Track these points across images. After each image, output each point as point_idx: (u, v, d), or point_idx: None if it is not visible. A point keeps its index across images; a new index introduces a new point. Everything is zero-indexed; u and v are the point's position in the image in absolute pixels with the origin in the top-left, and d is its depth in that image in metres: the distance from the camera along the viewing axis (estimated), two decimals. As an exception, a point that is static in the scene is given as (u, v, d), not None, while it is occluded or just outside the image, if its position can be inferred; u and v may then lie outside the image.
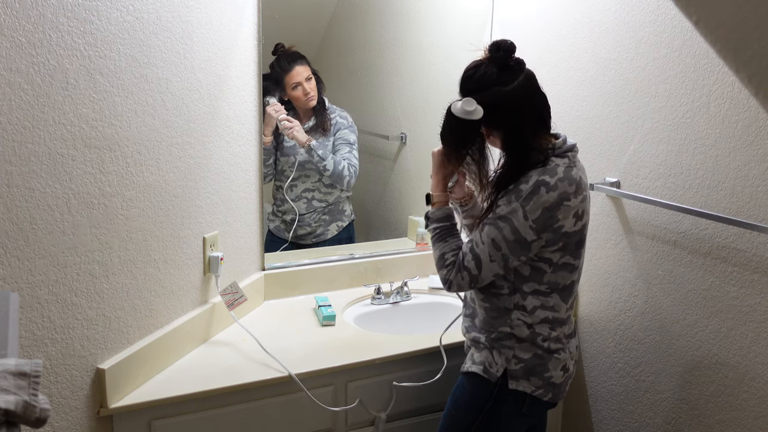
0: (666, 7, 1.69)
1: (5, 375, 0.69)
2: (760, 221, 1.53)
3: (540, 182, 1.40)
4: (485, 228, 1.45)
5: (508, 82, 1.41)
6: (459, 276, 1.49)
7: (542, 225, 1.40)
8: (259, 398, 1.62)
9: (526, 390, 1.50)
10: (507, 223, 1.41)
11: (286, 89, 2.17)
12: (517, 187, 1.41)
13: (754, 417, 1.61)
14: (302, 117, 2.27)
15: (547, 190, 1.39)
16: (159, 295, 1.60)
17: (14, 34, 1.16)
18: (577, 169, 1.45)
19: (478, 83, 1.43)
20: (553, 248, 1.44)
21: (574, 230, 1.44)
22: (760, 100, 1.51)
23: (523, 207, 1.40)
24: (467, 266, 1.47)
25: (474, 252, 1.47)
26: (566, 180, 1.41)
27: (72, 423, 1.39)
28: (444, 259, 1.53)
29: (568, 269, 1.48)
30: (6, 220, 1.20)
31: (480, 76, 1.43)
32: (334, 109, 2.30)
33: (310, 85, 2.20)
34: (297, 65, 2.16)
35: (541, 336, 1.49)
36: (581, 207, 1.44)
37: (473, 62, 1.46)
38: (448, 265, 1.52)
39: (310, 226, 2.33)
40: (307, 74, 2.19)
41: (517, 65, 1.43)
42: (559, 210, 1.40)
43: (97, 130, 1.35)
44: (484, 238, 1.45)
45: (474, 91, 1.43)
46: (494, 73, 1.41)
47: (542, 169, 1.42)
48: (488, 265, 1.45)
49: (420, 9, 2.35)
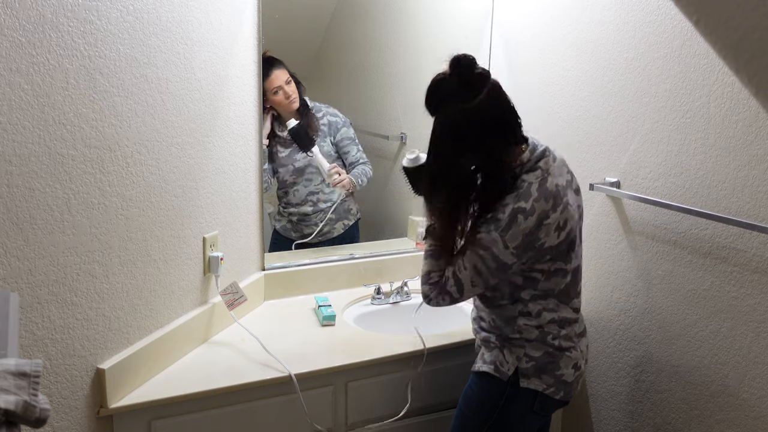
0: (666, 7, 1.69)
1: (5, 375, 0.69)
2: (760, 221, 1.53)
3: (516, 210, 1.39)
4: (467, 254, 1.46)
5: (469, 98, 1.37)
6: (440, 297, 1.52)
7: (523, 249, 1.41)
8: (259, 398, 1.62)
9: (538, 388, 1.50)
10: (487, 252, 1.42)
11: (267, 95, 2.15)
12: (495, 216, 1.41)
13: (754, 417, 1.61)
14: (287, 121, 2.26)
15: (525, 217, 1.39)
16: (159, 295, 1.60)
17: (14, 34, 1.16)
18: (552, 177, 1.43)
19: (440, 99, 1.42)
20: (542, 261, 1.45)
21: (559, 241, 1.44)
22: (760, 100, 1.51)
23: (503, 237, 1.40)
24: (449, 290, 1.49)
25: (456, 277, 1.48)
26: (542, 198, 1.40)
27: (72, 423, 1.39)
28: (429, 276, 1.54)
29: (561, 275, 1.48)
30: (6, 220, 1.20)
31: (441, 93, 1.41)
32: (320, 107, 2.29)
33: (291, 88, 2.19)
34: (275, 69, 2.14)
35: (551, 334, 1.50)
36: (562, 218, 1.43)
37: (437, 75, 1.43)
38: (432, 283, 1.53)
39: (317, 225, 2.34)
40: (285, 77, 2.17)
41: (479, 79, 1.38)
42: (539, 230, 1.40)
43: (97, 130, 1.35)
44: (467, 264, 1.46)
45: (437, 107, 1.43)
46: (455, 89, 1.38)
47: (516, 195, 1.40)
48: (470, 289, 1.48)
49: (420, 9, 2.35)
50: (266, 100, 2.17)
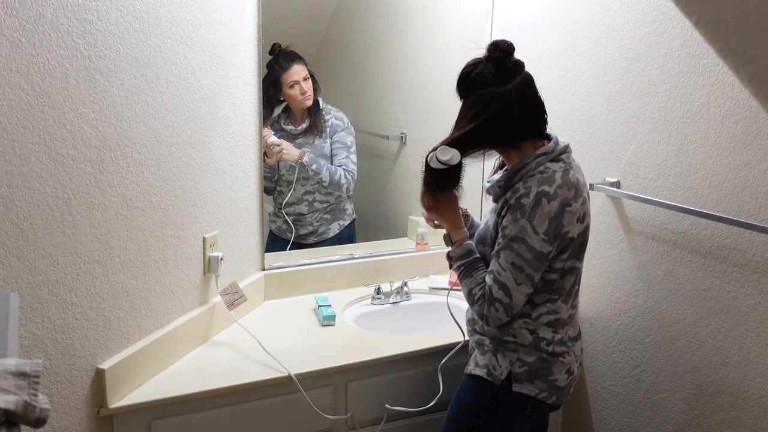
0: (666, 7, 1.69)
1: (5, 375, 0.69)
2: (760, 221, 1.53)
3: (540, 193, 1.39)
4: (501, 254, 1.43)
5: (503, 83, 1.40)
6: (492, 309, 1.45)
7: (552, 235, 1.40)
8: (259, 398, 1.62)
9: (530, 393, 1.49)
10: (521, 243, 1.40)
11: (283, 88, 2.18)
12: (519, 202, 1.41)
13: (754, 417, 1.61)
14: (298, 118, 2.27)
15: (548, 200, 1.39)
16: (159, 295, 1.60)
17: (14, 34, 1.16)
18: (573, 170, 1.45)
19: (473, 81, 1.43)
20: (563, 255, 1.45)
21: (578, 233, 1.45)
22: (760, 100, 1.51)
23: (530, 222, 1.39)
24: (497, 297, 1.44)
25: (498, 281, 1.44)
26: (565, 186, 1.41)
27: (72, 423, 1.39)
28: (472, 294, 1.49)
29: (573, 272, 1.49)
30: (6, 220, 1.20)
31: (476, 75, 1.43)
32: (329, 109, 2.30)
33: (308, 85, 2.21)
34: (295, 64, 2.17)
35: (545, 340, 1.49)
36: (582, 210, 1.44)
37: (472, 60, 1.46)
38: (478, 299, 1.48)
39: (312, 226, 2.34)
40: (304, 74, 2.20)
41: (514, 67, 1.42)
42: (563, 217, 1.40)
43: (97, 130, 1.35)
44: (504, 264, 1.43)
45: (468, 89, 1.44)
46: (490, 72, 1.41)
47: (540, 178, 1.41)
48: (516, 289, 1.43)
49: (420, 9, 2.35)
50: (281, 93, 2.18)
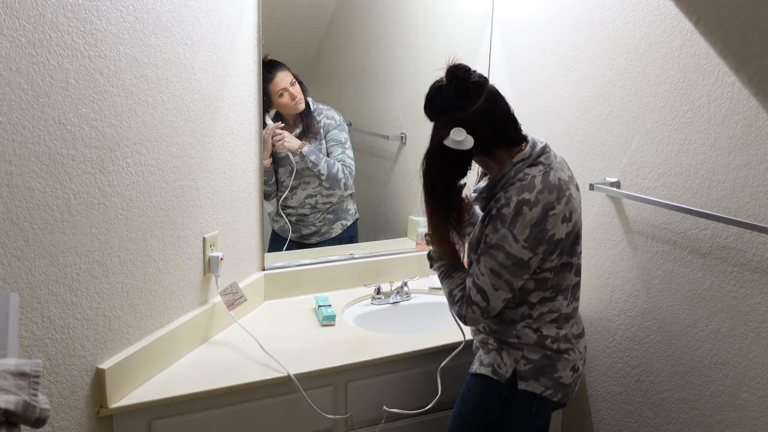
0: (666, 7, 1.69)
1: (5, 375, 0.69)
2: (760, 221, 1.53)
3: (521, 202, 1.39)
4: (481, 259, 1.46)
5: (467, 107, 1.41)
6: (470, 311, 1.49)
7: (534, 241, 1.40)
8: (259, 398, 1.62)
9: (536, 390, 1.50)
10: (500, 251, 1.42)
11: (273, 98, 2.15)
12: (500, 212, 1.41)
13: (754, 417, 1.61)
14: (291, 124, 2.26)
15: (530, 208, 1.39)
16: (159, 295, 1.60)
17: (14, 34, 1.16)
18: (554, 171, 1.44)
19: (437, 110, 1.46)
20: (552, 256, 1.45)
21: (567, 233, 1.44)
22: (760, 100, 1.51)
23: (511, 231, 1.40)
24: (475, 300, 1.48)
25: (477, 285, 1.47)
26: (546, 190, 1.41)
27: (72, 423, 1.39)
28: (453, 295, 1.54)
29: (568, 268, 1.49)
30: (6, 220, 1.20)
31: (438, 103, 1.46)
32: (321, 109, 2.29)
33: (296, 90, 2.19)
34: (278, 72, 2.14)
35: (549, 338, 1.49)
36: (567, 209, 1.44)
37: (435, 82, 1.48)
38: (458, 301, 1.52)
39: (315, 226, 2.33)
40: (290, 79, 2.17)
41: (475, 88, 1.41)
42: (546, 222, 1.40)
43: (97, 130, 1.35)
44: (483, 270, 1.45)
45: (435, 115, 1.47)
46: (452, 98, 1.43)
47: (520, 186, 1.41)
48: (494, 294, 1.45)
49: (420, 9, 2.35)
50: (271, 104, 2.17)
